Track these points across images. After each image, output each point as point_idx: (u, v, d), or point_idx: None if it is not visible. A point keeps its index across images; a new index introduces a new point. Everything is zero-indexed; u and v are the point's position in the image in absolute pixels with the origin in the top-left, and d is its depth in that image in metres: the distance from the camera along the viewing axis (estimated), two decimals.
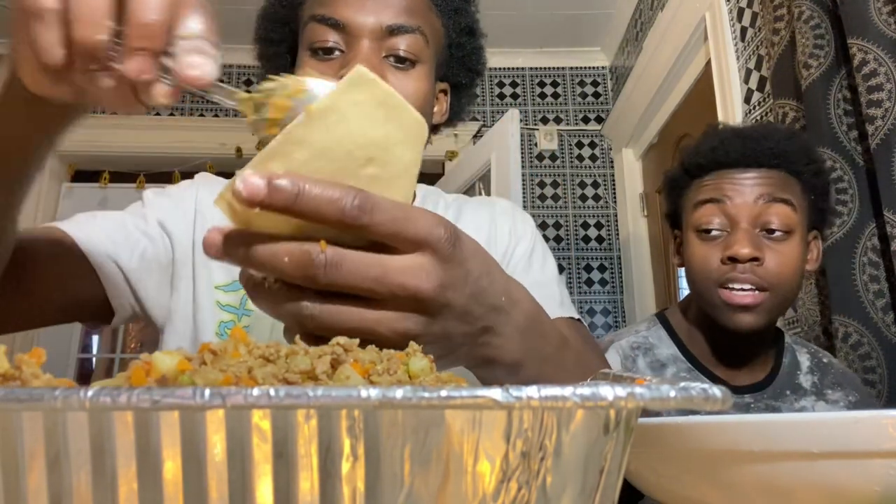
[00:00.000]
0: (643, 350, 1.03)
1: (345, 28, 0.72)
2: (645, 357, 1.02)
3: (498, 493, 0.22)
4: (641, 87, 2.60)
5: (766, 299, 0.94)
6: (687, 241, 1.02)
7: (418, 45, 0.74)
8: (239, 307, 0.74)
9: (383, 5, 0.72)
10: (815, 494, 0.33)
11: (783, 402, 1.01)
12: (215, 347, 0.25)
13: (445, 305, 0.37)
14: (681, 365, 1.02)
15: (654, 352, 1.03)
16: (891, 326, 1.14)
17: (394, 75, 0.73)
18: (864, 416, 0.30)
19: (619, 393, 0.21)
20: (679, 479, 0.38)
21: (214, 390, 0.19)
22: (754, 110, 1.68)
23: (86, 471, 0.21)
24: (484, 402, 0.20)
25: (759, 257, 0.93)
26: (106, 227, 0.70)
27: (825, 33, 1.27)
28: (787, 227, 0.94)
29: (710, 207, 0.97)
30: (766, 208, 0.95)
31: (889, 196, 1.11)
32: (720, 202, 0.97)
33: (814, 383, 1.03)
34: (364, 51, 0.71)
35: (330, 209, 0.33)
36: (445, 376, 0.28)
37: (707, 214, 0.98)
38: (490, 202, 0.91)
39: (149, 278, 0.72)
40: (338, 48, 0.72)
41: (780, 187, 0.96)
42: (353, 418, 0.21)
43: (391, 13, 0.72)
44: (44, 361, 0.24)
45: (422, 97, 0.75)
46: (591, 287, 2.97)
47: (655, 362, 1.02)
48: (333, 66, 0.72)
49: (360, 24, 0.71)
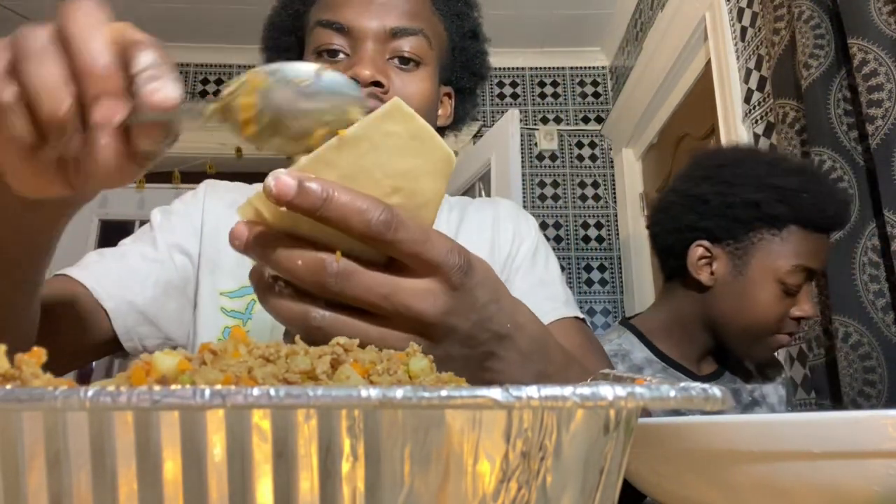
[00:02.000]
0: (620, 357, 1.07)
1: (349, 31, 0.73)
2: (623, 363, 1.07)
3: (498, 493, 0.22)
4: (641, 87, 2.60)
5: None
6: (761, 287, 0.99)
7: (421, 47, 0.75)
8: (244, 312, 0.74)
9: (386, 9, 0.73)
10: (815, 494, 0.33)
11: (739, 384, 1.12)
12: (215, 347, 0.25)
13: (450, 331, 0.37)
14: (655, 366, 1.07)
15: (630, 357, 1.07)
16: (891, 326, 1.14)
17: (398, 76, 0.73)
18: (864, 416, 0.30)
19: (619, 393, 0.21)
20: (679, 479, 0.38)
21: (214, 390, 0.19)
22: (754, 110, 1.68)
23: (86, 471, 0.21)
24: (484, 401, 0.20)
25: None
26: (115, 269, 0.71)
27: (825, 33, 1.27)
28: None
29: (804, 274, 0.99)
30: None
31: (889, 196, 1.11)
32: (812, 272, 1.00)
33: (757, 365, 1.16)
34: (368, 53, 0.72)
35: (356, 219, 0.33)
36: (445, 376, 0.28)
37: (799, 279, 0.99)
38: (493, 203, 0.92)
39: (167, 303, 0.73)
40: (342, 51, 0.73)
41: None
42: (353, 418, 0.21)
43: (394, 16, 0.73)
44: (44, 361, 0.24)
45: (426, 98, 0.76)
46: (591, 287, 2.97)
47: (633, 367, 1.05)
48: (339, 68, 0.72)
49: (363, 28, 0.72)
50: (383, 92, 0.71)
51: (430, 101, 0.77)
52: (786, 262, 0.98)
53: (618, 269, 2.99)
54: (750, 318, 1.00)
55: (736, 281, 1.01)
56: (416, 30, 0.74)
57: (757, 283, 0.99)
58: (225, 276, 0.75)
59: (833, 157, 1.22)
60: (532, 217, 0.92)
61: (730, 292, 1.02)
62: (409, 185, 0.37)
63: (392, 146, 0.35)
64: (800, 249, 0.98)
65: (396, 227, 0.34)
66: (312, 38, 0.75)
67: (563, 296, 0.80)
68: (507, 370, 0.42)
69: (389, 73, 0.73)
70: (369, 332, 0.35)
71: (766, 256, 0.99)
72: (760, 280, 0.99)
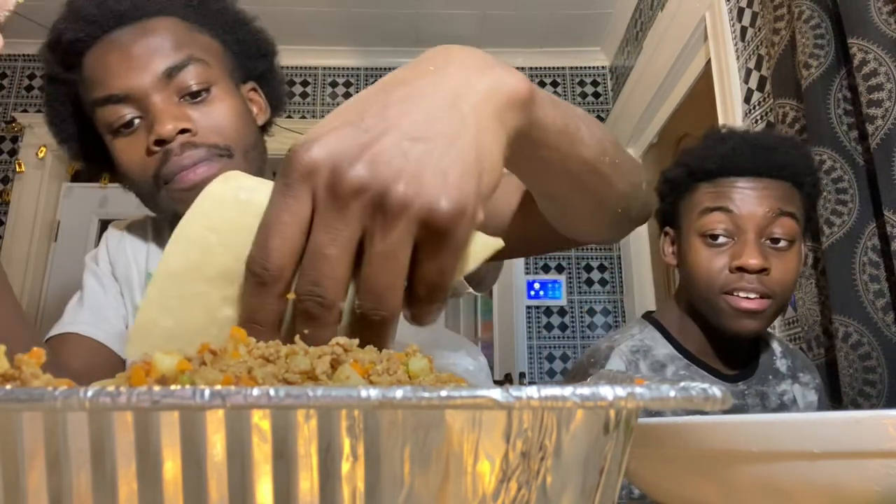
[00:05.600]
0: (643, 353, 1.05)
1: (128, 97, 0.71)
2: (645, 360, 1.04)
3: (498, 492, 0.22)
4: (641, 87, 2.60)
5: (769, 305, 0.97)
6: (689, 244, 1.03)
7: (201, 72, 0.73)
8: None
9: (148, 55, 0.72)
10: (815, 494, 0.33)
11: (767, 386, 1.07)
12: (215, 347, 0.25)
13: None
14: (678, 363, 1.04)
15: (653, 353, 1.05)
16: (891, 326, 1.14)
17: (197, 111, 0.72)
18: (864, 416, 0.30)
19: (619, 393, 0.21)
20: (679, 479, 0.38)
21: (214, 390, 0.19)
22: (754, 110, 1.68)
23: (85, 471, 0.21)
24: (484, 401, 0.20)
25: (768, 268, 0.96)
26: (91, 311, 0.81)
27: (825, 33, 1.27)
28: (791, 237, 0.98)
29: (718, 215, 0.99)
30: (772, 220, 0.98)
31: (889, 196, 1.11)
32: (729, 211, 0.99)
33: (788, 367, 1.11)
34: (158, 106, 0.71)
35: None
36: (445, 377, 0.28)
37: (714, 221, 0.99)
38: None
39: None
40: (135, 116, 0.72)
41: (786, 200, 0.99)
42: (353, 418, 0.21)
43: (159, 58, 0.72)
44: (44, 361, 0.24)
45: (236, 114, 0.75)
46: (591, 287, 2.97)
47: (655, 363, 1.04)
48: (140, 136, 0.72)
49: (139, 86, 0.71)
50: (192, 135, 0.71)
51: (240, 114, 0.76)
52: (696, 212, 1.03)
53: (618, 269, 2.99)
54: (694, 281, 1.02)
55: (681, 253, 1.07)
56: (186, 60, 0.73)
57: (687, 246, 1.04)
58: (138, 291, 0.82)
59: (833, 157, 1.22)
60: None
61: (681, 266, 1.07)
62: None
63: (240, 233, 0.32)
64: (705, 198, 1.02)
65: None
66: (99, 118, 0.74)
67: None
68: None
69: (188, 113, 0.72)
70: None
71: (686, 219, 1.05)
72: (688, 241, 1.04)
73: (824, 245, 1.22)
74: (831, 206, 1.21)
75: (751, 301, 0.96)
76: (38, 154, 3.01)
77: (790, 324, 1.49)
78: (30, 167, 3.01)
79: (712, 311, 1.00)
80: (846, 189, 1.21)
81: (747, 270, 0.96)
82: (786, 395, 1.08)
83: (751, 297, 0.96)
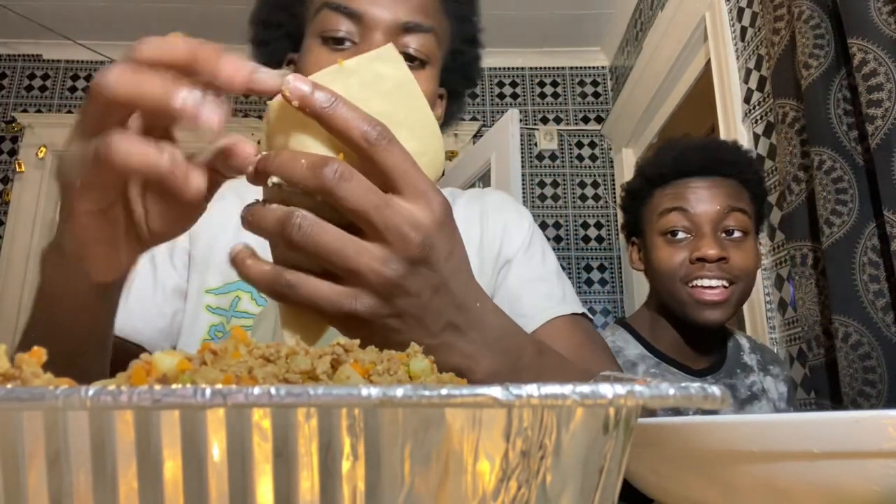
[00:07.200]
0: (615, 354, 1.09)
1: (360, 19, 0.69)
2: (618, 359, 1.10)
3: (498, 491, 0.22)
4: (641, 87, 2.60)
5: (732, 293, 1.06)
6: (652, 246, 1.13)
7: (430, 46, 0.72)
8: (228, 309, 0.73)
9: (400, 1, 0.70)
10: (814, 494, 0.33)
11: (736, 379, 1.16)
12: (216, 347, 0.25)
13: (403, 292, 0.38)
14: (649, 361, 1.13)
15: (624, 353, 1.14)
16: (891, 326, 1.14)
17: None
18: (864, 416, 0.30)
19: (619, 391, 0.21)
20: (679, 479, 0.38)
21: (215, 389, 0.19)
22: (754, 110, 1.68)
23: (86, 470, 0.21)
24: (484, 400, 0.20)
25: (726, 256, 1.06)
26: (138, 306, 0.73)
27: (825, 33, 1.27)
28: (744, 229, 1.09)
29: (676, 214, 1.10)
30: (725, 215, 1.08)
31: (889, 196, 1.11)
32: (684, 210, 1.09)
33: (758, 361, 1.19)
34: (377, 44, 0.68)
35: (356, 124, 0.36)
36: (446, 377, 0.28)
37: (673, 220, 1.10)
38: (480, 196, 0.89)
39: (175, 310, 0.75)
40: (349, 39, 0.70)
41: (735, 197, 1.10)
42: (353, 417, 0.21)
43: (407, 10, 0.70)
44: (44, 361, 0.24)
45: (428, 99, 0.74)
46: (591, 287, 2.97)
47: (627, 363, 1.13)
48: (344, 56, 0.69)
49: (376, 17, 0.69)
50: None
51: (431, 102, 0.75)
52: (655, 215, 1.13)
53: (618, 269, 2.99)
54: (659, 276, 1.11)
55: (646, 256, 1.16)
56: (428, 27, 0.71)
57: (651, 245, 1.14)
58: (212, 273, 0.75)
59: (833, 156, 1.22)
60: (526, 210, 0.90)
61: (648, 267, 1.17)
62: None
63: (377, 87, 0.38)
64: (662, 201, 1.12)
65: (391, 140, 0.36)
66: (318, 20, 0.71)
67: (559, 292, 0.78)
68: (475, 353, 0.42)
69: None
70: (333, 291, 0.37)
71: (648, 223, 1.15)
72: (651, 242, 1.14)
73: (824, 245, 1.22)
74: (831, 206, 1.21)
75: (713, 291, 1.05)
76: (38, 154, 3.02)
77: (790, 324, 1.49)
78: (30, 167, 3.01)
79: (677, 303, 1.09)
80: (846, 189, 1.21)
81: (707, 260, 1.05)
82: (755, 385, 1.16)
83: (713, 286, 1.05)
